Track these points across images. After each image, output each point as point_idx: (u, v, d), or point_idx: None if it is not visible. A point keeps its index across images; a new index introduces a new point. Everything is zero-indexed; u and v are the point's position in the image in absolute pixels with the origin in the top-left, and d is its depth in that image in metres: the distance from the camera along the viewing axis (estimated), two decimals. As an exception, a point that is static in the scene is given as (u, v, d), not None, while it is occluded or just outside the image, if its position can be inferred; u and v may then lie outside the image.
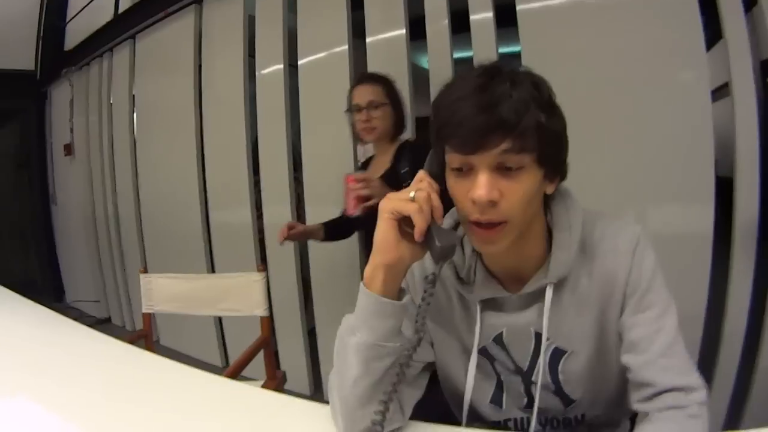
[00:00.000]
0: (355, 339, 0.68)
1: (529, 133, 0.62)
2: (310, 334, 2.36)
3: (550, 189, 0.70)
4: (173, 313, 1.73)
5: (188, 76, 2.66)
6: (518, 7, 1.85)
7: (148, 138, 2.97)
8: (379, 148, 1.62)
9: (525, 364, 0.78)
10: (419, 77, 2.08)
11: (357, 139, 1.66)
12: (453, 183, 0.67)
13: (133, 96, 3.05)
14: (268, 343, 1.64)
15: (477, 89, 0.62)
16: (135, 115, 3.05)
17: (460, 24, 2.00)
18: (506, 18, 1.93)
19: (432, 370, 0.83)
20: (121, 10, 3.30)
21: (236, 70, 2.45)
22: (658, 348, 0.67)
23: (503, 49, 1.98)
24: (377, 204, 0.69)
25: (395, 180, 1.47)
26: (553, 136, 0.65)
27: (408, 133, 1.72)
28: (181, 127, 2.69)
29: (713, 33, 1.65)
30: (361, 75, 1.67)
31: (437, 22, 2.01)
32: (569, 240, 0.71)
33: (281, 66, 2.31)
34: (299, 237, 1.69)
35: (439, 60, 2.01)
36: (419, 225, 0.65)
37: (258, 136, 2.40)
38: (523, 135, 0.62)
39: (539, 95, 0.64)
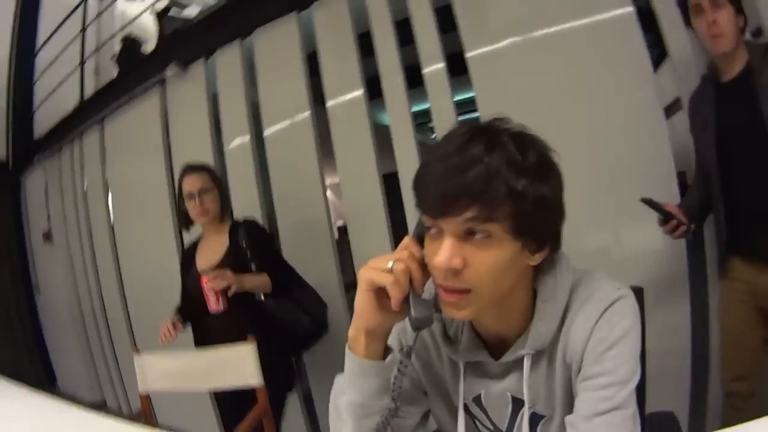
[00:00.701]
0: (345, 398, 0.71)
1: (498, 202, 0.59)
2: (307, 401, 2.32)
3: (534, 261, 0.66)
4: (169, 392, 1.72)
5: (158, 155, 2.70)
6: (467, 54, 1.93)
7: (125, 219, 2.98)
8: (210, 230, 1.81)
9: (503, 426, 0.78)
10: (381, 134, 2.14)
11: (185, 225, 1.84)
12: (427, 245, 0.66)
13: (106, 179, 3.07)
14: (267, 414, 1.64)
15: (453, 151, 0.61)
16: (110, 197, 3.07)
17: (414, 78, 2.08)
18: (458, 66, 2.02)
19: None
20: (86, 95, 3.37)
21: (204, 147, 2.49)
22: (598, 416, 0.64)
23: (459, 97, 2.05)
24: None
25: (239, 255, 1.71)
26: (532, 205, 0.61)
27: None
28: (156, 206, 2.71)
29: (660, 51, 1.74)
30: (186, 166, 1.82)
31: (392, 79, 2.08)
32: (552, 311, 0.69)
33: (247, 138, 2.36)
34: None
35: (399, 115, 2.08)
36: (395, 297, 0.64)
37: (232, 207, 2.42)
38: (491, 203, 0.59)
39: (522, 160, 0.61)
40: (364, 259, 0.84)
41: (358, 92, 2.14)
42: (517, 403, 0.75)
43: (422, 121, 2.44)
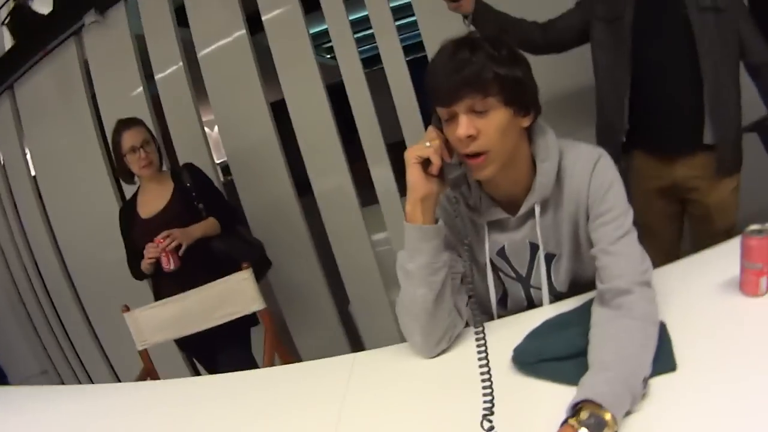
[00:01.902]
0: (412, 264, 0.89)
1: (489, 84, 0.82)
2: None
3: (525, 122, 0.89)
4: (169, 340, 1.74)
5: (84, 111, 2.52)
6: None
7: (53, 187, 2.75)
8: (152, 181, 1.83)
9: (524, 271, 1.00)
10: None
11: (128, 178, 1.85)
12: (446, 130, 0.88)
13: (25, 149, 2.82)
14: (276, 335, 1.71)
15: (447, 59, 0.84)
16: (31, 167, 2.82)
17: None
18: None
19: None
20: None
21: (134, 87, 2.35)
22: (613, 239, 0.86)
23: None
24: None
25: (186, 197, 1.78)
26: (512, 82, 0.84)
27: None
28: (88, 166, 2.54)
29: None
30: (122, 121, 1.80)
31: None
32: (548, 167, 0.91)
33: (180, 64, 2.27)
34: None
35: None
36: (436, 162, 0.87)
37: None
38: (484, 86, 0.82)
39: (497, 54, 0.83)
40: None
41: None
42: (534, 248, 0.97)
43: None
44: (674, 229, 1.60)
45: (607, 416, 0.64)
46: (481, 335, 0.73)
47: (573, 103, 1.77)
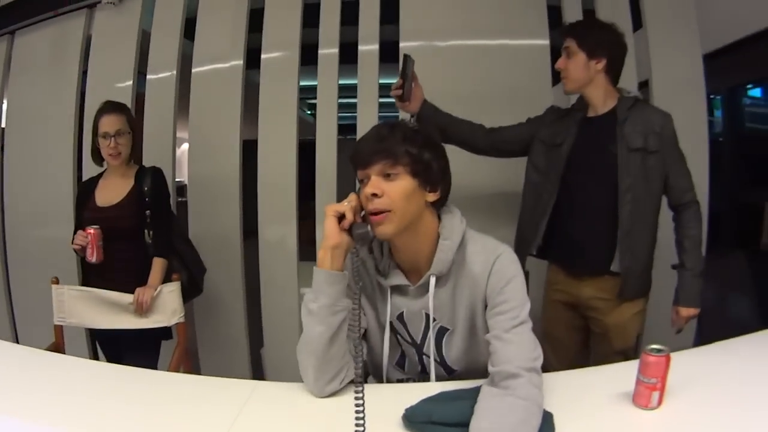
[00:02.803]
0: (315, 304, 0.99)
1: (400, 155, 0.97)
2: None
3: (431, 197, 1.02)
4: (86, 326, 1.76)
5: (70, 82, 2.54)
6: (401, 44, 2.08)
7: (18, 141, 2.73)
8: (115, 170, 1.84)
9: (418, 338, 1.09)
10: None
11: (98, 160, 1.86)
12: (360, 191, 1.01)
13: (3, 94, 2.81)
14: (188, 353, 1.76)
15: (370, 133, 1.03)
16: (3, 115, 2.81)
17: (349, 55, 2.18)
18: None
19: None
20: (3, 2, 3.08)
21: (125, 78, 2.39)
22: (507, 326, 0.95)
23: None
24: None
25: (140, 197, 1.80)
26: (420, 160, 0.99)
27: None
28: (57, 133, 2.54)
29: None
30: (108, 104, 1.83)
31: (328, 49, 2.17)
32: (449, 245, 1.02)
33: (174, 72, 2.31)
34: None
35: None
36: (349, 218, 0.99)
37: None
38: (395, 156, 0.97)
39: (412, 137, 1.00)
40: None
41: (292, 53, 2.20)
42: (428, 319, 1.06)
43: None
44: (578, 341, 1.69)
45: None
46: (361, 389, 0.81)
47: (503, 204, 1.90)
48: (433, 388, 0.99)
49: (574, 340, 1.68)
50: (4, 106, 2.82)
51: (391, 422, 0.90)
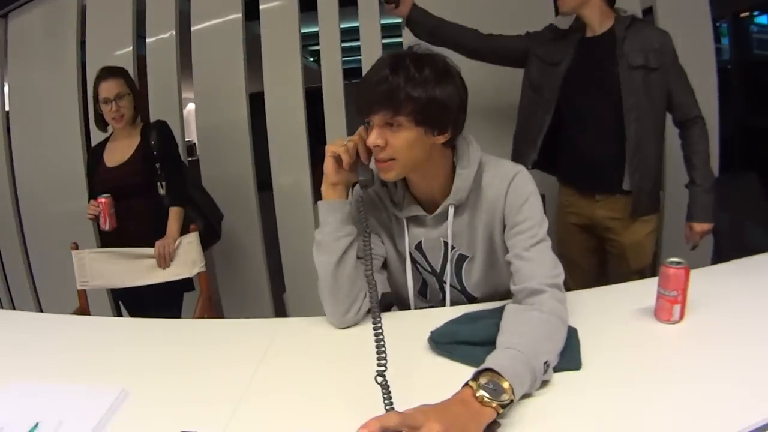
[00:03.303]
0: (320, 235, 1.01)
1: (401, 104, 0.89)
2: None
3: (439, 140, 0.96)
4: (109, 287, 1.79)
5: (70, 54, 2.52)
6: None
7: (24, 119, 2.73)
8: (122, 132, 1.86)
9: (438, 267, 1.08)
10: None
11: (101, 126, 1.88)
12: (368, 132, 0.96)
13: (4, 78, 2.80)
14: (210, 299, 1.76)
15: (371, 73, 0.93)
16: (6, 98, 2.80)
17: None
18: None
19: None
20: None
21: (124, 43, 2.38)
22: (527, 245, 0.94)
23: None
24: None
25: (147, 152, 1.81)
26: (425, 105, 0.90)
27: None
28: (63, 108, 2.53)
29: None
30: (104, 70, 1.83)
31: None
32: (467, 174, 1.00)
33: (173, 32, 2.30)
34: None
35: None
36: (345, 160, 0.98)
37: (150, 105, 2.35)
38: (395, 105, 0.90)
39: (417, 75, 0.90)
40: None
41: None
42: (448, 247, 1.05)
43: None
44: (594, 263, 1.71)
45: (506, 384, 0.69)
46: (376, 306, 0.85)
47: (501, 116, 1.87)
48: (457, 311, 1.00)
49: (590, 262, 1.70)
50: (6, 90, 2.82)
51: (417, 345, 0.90)
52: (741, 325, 0.90)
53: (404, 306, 1.14)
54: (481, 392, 0.68)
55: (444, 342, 0.89)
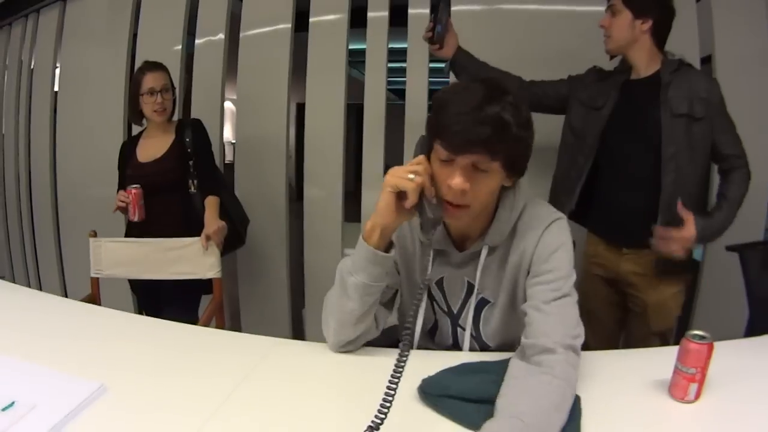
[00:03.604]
0: (353, 279, 0.90)
1: (502, 148, 0.82)
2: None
3: (508, 182, 0.91)
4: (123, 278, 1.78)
5: (121, 45, 2.58)
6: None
7: (70, 105, 2.81)
8: (157, 127, 1.86)
9: (456, 308, 1.01)
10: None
11: (137, 119, 1.87)
12: (437, 168, 0.87)
13: (56, 61, 2.89)
14: (221, 306, 1.75)
15: (475, 108, 0.81)
16: (57, 81, 2.89)
17: (399, 17, 2.15)
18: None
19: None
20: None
21: (175, 40, 2.42)
22: (548, 298, 0.86)
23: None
24: None
25: (181, 149, 1.80)
26: (521, 149, 0.86)
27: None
28: (108, 95, 2.59)
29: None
30: (149, 63, 1.83)
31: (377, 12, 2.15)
32: (509, 218, 0.93)
33: (222, 36, 2.32)
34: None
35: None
36: (412, 200, 0.85)
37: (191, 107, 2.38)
38: (496, 149, 0.81)
39: (519, 115, 0.82)
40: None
41: (342, 16, 2.17)
42: (470, 288, 0.98)
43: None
44: (615, 318, 1.63)
45: None
46: (405, 358, 0.72)
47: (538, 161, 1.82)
48: (458, 357, 0.94)
49: (613, 318, 1.62)
50: (57, 71, 2.90)
51: (405, 392, 0.81)
52: (764, 412, 0.81)
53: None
54: None
55: (434, 394, 0.81)
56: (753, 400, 0.84)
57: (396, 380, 0.69)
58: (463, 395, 0.79)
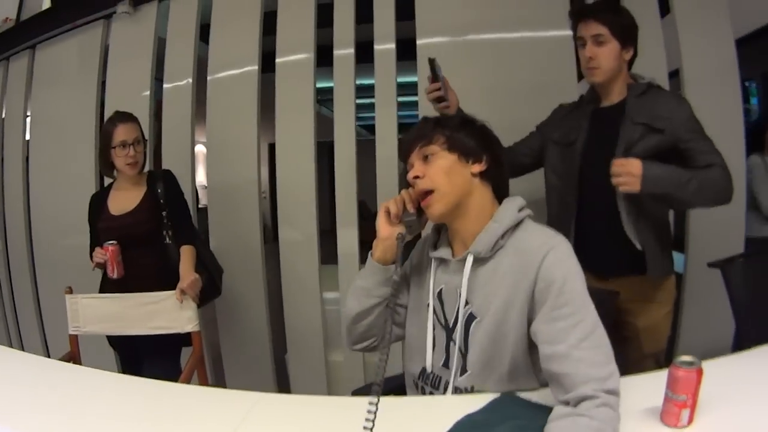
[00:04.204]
0: (358, 282, 1.11)
1: (434, 137, 1.02)
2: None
3: (475, 168, 1.02)
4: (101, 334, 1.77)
5: (90, 91, 2.57)
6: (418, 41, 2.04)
7: (41, 155, 2.78)
8: (128, 180, 1.84)
9: (451, 320, 1.03)
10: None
11: (108, 171, 1.85)
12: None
13: (27, 109, 2.87)
14: (202, 360, 1.73)
15: (410, 130, 1.08)
16: (28, 130, 2.86)
17: (365, 53, 2.15)
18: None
19: None
20: (23, 17, 3.13)
21: (143, 86, 2.40)
22: (574, 340, 0.83)
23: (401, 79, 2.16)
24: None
25: (155, 203, 1.79)
26: (455, 136, 1.02)
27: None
28: (81, 143, 2.57)
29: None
30: (120, 114, 1.82)
31: (343, 49, 2.14)
32: (495, 228, 0.98)
33: (190, 80, 2.32)
34: None
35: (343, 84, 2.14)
36: (393, 210, 1.05)
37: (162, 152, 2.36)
38: (429, 137, 1.02)
39: (445, 121, 1.08)
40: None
41: (308, 55, 2.17)
42: (460, 300, 1.00)
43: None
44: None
45: None
46: (375, 406, 0.74)
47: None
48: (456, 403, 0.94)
49: None
50: (28, 119, 2.88)
51: None
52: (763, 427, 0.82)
53: (409, 360, 1.11)
54: None
55: None
56: (745, 419, 0.85)
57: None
58: None
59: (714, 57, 1.91)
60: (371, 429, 0.72)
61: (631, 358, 1.52)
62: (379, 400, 0.74)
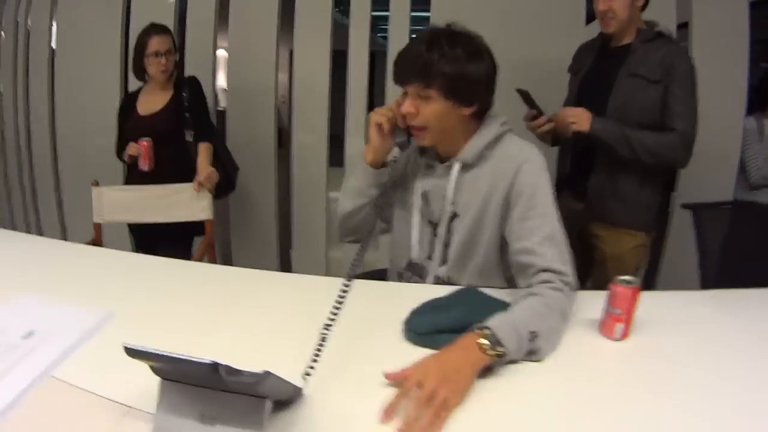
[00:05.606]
0: (349, 182, 1.18)
1: (432, 78, 0.99)
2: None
3: (466, 111, 1.05)
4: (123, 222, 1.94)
5: (117, 1, 2.67)
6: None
7: (67, 61, 2.89)
8: (157, 85, 1.99)
9: (435, 217, 1.14)
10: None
11: (141, 76, 2.00)
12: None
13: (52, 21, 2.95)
14: (212, 245, 1.88)
15: (409, 47, 1.04)
16: (54, 39, 2.96)
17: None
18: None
19: None
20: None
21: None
22: (539, 238, 0.98)
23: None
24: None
25: (180, 106, 1.95)
26: (455, 79, 1.00)
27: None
28: (106, 50, 2.68)
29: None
30: (155, 26, 1.95)
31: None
32: (478, 142, 1.08)
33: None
34: None
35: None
36: (385, 128, 1.10)
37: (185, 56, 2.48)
38: (427, 79, 1.00)
39: (450, 53, 0.99)
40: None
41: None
42: (446, 200, 1.11)
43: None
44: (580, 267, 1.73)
45: (502, 337, 0.78)
46: (347, 288, 0.89)
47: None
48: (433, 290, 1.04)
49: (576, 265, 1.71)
50: (54, 28, 2.97)
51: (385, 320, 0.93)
52: (685, 353, 0.89)
53: (396, 254, 1.23)
54: (483, 340, 0.77)
55: (424, 333, 0.89)
56: (680, 342, 0.92)
57: (336, 310, 0.84)
58: (453, 327, 0.86)
59: (725, 13, 1.92)
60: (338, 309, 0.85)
61: (598, 282, 1.60)
62: (352, 280, 0.91)
